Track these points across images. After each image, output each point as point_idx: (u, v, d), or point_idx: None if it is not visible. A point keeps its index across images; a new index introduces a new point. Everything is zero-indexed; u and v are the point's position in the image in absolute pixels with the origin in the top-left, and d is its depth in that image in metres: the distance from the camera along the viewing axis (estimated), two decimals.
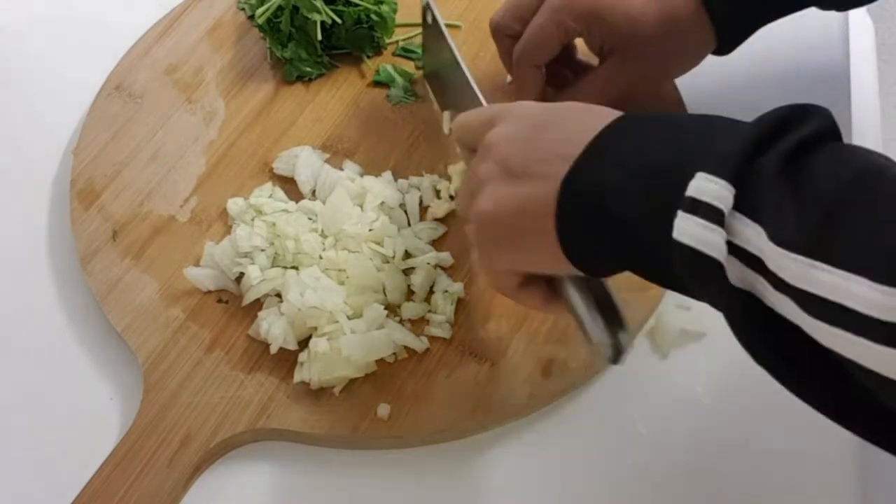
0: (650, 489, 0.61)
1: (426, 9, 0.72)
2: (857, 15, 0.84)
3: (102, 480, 0.60)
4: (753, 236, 0.42)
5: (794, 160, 0.42)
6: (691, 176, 0.43)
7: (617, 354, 0.53)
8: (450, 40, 0.70)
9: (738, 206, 0.42)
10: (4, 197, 0.75)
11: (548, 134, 0.52)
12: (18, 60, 0.83)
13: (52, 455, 0.64)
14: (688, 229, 0.43)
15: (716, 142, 0.45)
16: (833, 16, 0.79)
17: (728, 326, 0.44)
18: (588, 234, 0.49)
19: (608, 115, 0.51)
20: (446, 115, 0.73)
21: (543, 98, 0.70)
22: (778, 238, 0.40)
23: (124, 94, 0.78)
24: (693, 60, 0.69)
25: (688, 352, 0.66)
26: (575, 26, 0.66)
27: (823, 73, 0.77)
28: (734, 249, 0.42)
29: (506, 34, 0.70)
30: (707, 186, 0.42)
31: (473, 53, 0.79)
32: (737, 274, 0.42)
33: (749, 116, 0.75)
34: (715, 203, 0.42)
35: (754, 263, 0.42)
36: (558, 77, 0.72)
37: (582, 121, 0.51)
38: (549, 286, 0.56)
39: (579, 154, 0.49)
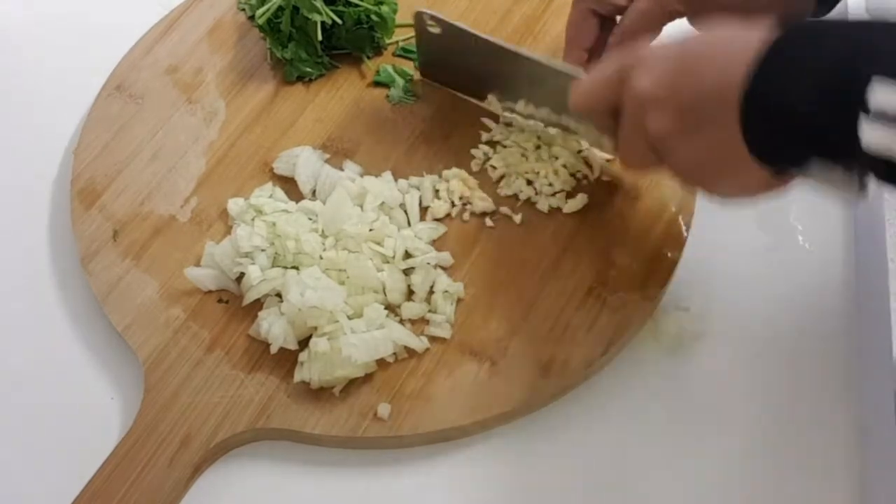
0: (650, 488, 0.61)
1: (426, 22, 0.72)
2: (857, 15, 0.84)
3: (103, 480, 0.60)
4: None
5: None
6: (867, 79, 0.45)
7: (864, 187, 0.54)
8: (484, 35, 0.70)
9: None
10: (5, 197, 0.75)
11: (701, 66, 0.54)
12: (19, 60, 0.84)
13: (53, 455, 0.64)
14: (873, 138, 0.46)
15: (883, 43, 0.47)
16: (832, 16, 0.79)
17: None
18: (775, 139, 0.51)
19: (743, 33, 0.53)
20: (491, 98, 0.74)
21: None
22: None
23: (125, 94, 0.78)
24: None
25: (687, 351, 0.66)
26: (679, 7, 0.67)
27: None
28: None
29: (591, 7, 0.70)
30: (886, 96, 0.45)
31: None
32: None
33: None
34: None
35: None
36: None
37: (724, 44, 0.53)
38: None
39: (742, 81, 0.51)
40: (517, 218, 0.70)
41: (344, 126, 0.76)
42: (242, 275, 0.66)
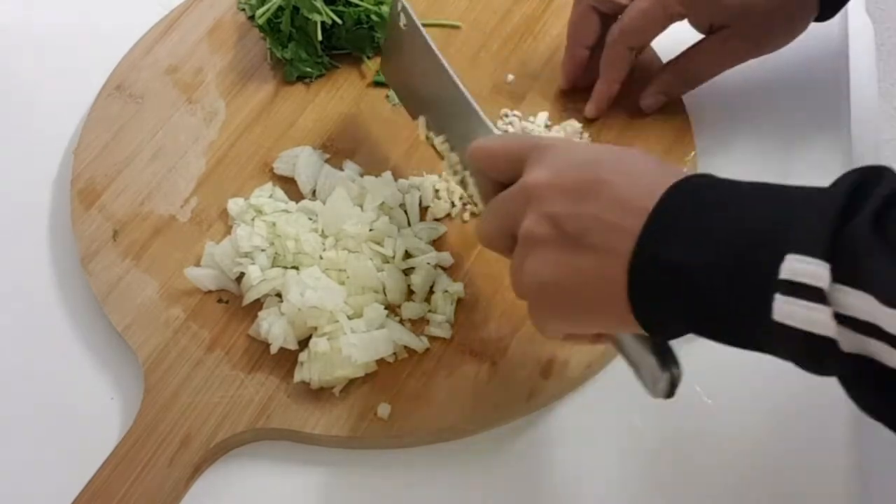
0: (651, 489, 0.61)
1: (400, 12, 0.67)
2: (857, 15, 0.84)
3: (102, 480, 0.60)
4: (863, 304, 0.41)
5: (882, 220, 0.41)
6: (780, 258, 0.42)
7: (672, 388, 0.52)
8: (436, 51, 0.65)
9: (837, 278, 0.41)
10: (4, 197, 0.75)
11: (601, 194, 0.49)
12: (19, 60, 0.84)
13: (52, 455, 0.64)
14: (791, 312, 0.42)
15: (794, 217, 0.43)
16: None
17: (846, 392, 0.44)
18: (667, 309, 0.48)
19: (657, 173, 0.49)
20: (422, 120, 0.69)
21: (624, 79, 0.72)
22: (893, 301, 0.40)
23: (125, 94, 0.78)
24: (798, 28, 0.70)
25: (687, 352, 0.66)
26: (680, 9, 0.67)
27: (822, 73, 0.77)
28: (844, 319, 0.41)
29: (592, 5, 0.71)
30: (801, 268, 0.41)
31: (473, 53, 0.79)
32: (849, 342, 0.42)
33: (747, 118, 0.75)
34: (813, 283, 0.41)
35: (869, 330, 0.41)
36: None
37: (635, 179, 0.49)
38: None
39: (643, 227, 0.47)
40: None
41: (344, 126, 0.76)
42: (242, 275, 0.66)
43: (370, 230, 0.67)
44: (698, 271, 0.45)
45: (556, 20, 0.80)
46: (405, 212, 0.70)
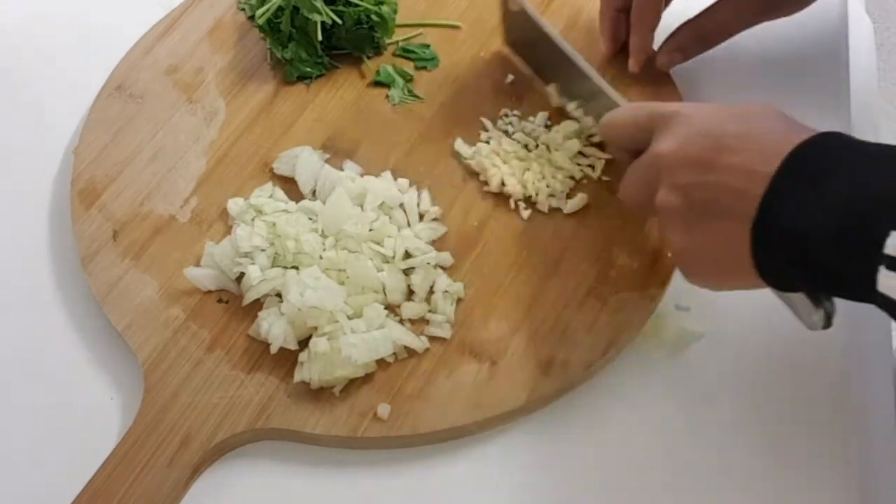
0: (651, 489, 0.61)
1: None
2: (857, 15, 0.84)
3: (102, 480, 0.60)
4: None
5: None
6: (886, 233, 0.45)
7: (828, 321, 0.56)
8: (553, 35, 0.72)
9: None
10: (4, 197, 0.75)
11: (725, 162, 0.53)
12: (19, 60, 0.84)
13: (52, 455, 0.64)
14: (893, 285, 0.46)
15: None
16: (832, 16, 0.79)
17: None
18: (787, 270, 0.52)
19: (782, 132, 0.52)
20: (552, 87, 0.75)
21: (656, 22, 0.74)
22: None
23: (125, 94, 0.78)
24: None
25: (688, 351, 0.66)
26: None
27: (822, 73, 0.77)
28: None
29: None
30: None
31: (474, 53, 0.79)
32: None
33: None
34: None
35: None
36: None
37: (758, 143, 0.52)
38: None
39: (763, 193, 0.50)
40: (525, 214, 0.70)
41: (344, 126, 0.76)
42: (242, 275, 0.66)
43: (370, 230, 0.67)
44: (813, 237, 0.49)
45: (556, 19, 0.80)
46: (405, 212, 0.70)
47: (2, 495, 0.62)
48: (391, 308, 0.66)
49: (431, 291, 0.67)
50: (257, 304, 0.66)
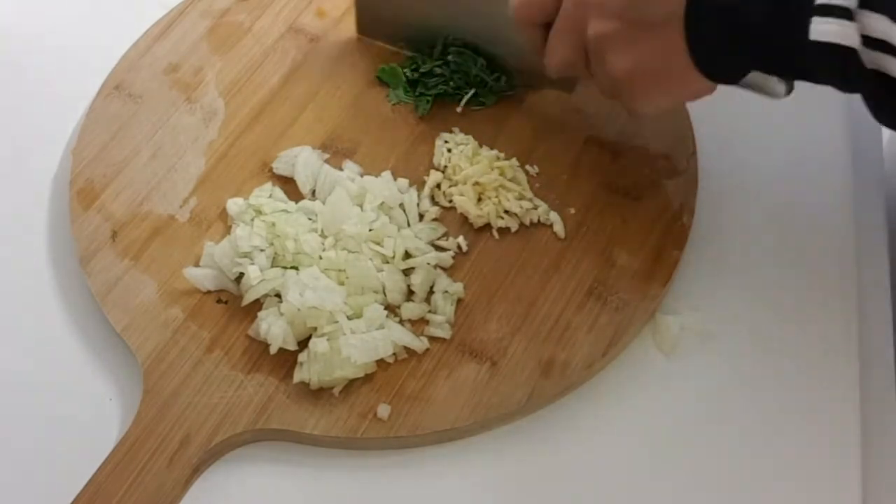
0: (651, 489, 0.61)
1: None
2: None
3: (101, 481, 0.60)
4: (879, 24, 0.50)
5: None
6: None
7: (790, 84, 0.61)
8: None
9: (861, 4, 0.50)
10: (4, 197, 0.75)
11: None
12: (17, 60, 0.83)
13: (51, 456, 0.63)
14: (824, 30, 0.51)
15: None
16: None
17: (866, 107, 0.54)
18: (724, 52, 0.57)
19: None
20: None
21: None
22: None
23: (124, 93, 0.78)
24: None
25: (688, 351, 0.66)
26: None
27: None
28: (865, 40, 0.50)
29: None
30: None
31: None
32: (869, 58, 0.51)
33: (748, 118, 0.75)
34: (844, 3, 0.50)
35: (884, 46, 0.50)
36: None
37: None
38: None
39: None
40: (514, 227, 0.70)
41: (344, 126, 0.76)
42: (242, 275, 0.66)
43: (370, 230, 0.67)
44: (744, 6, 0.54)
45: None
46: (405, 212, 0.70)
47: (2, 495, 0.62)
48: (391, 308, 0.66)
49: (431, 292, 0.67)
50: (257, 305, 0.66)
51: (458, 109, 0.75)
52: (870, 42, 0.51)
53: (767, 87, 0.61)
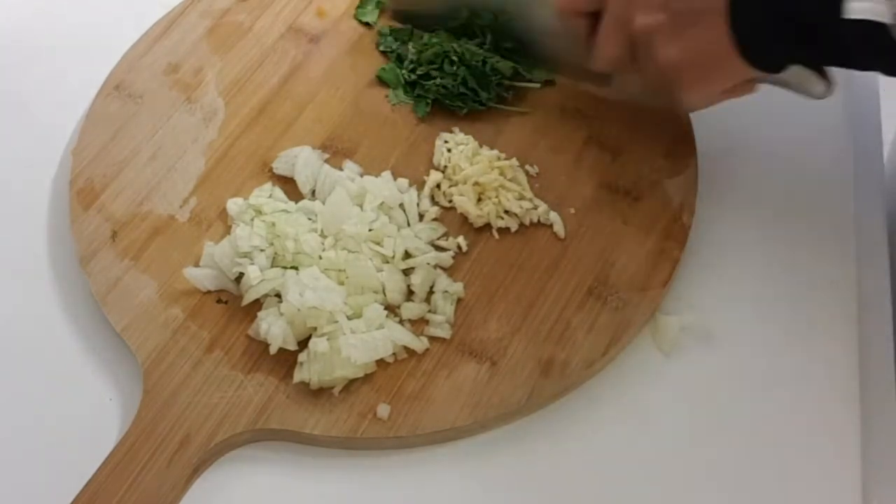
0: (651, 489, 0.61)
1: None
2: None
3: (101, 481, 0.60)
4: None
5: None
6: None
7: (829, 84, 0.63)
8: None
9: None
10: (4, 197, 0.75)
11: None
12: (18, 60, 0.83)
13: (52, 455, 0.63)
14: (859, 7, 0.53)
15: None
16: None
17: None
18: (766, 38, 0.58)
19: None
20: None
21: None
22: None
23: (124, 93, 0.78)
24: None
25: (688, 351, 0.66)
26: None
27: None
28: None
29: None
30: None
31: None
32: None
33: (748, 118, 0.75)
34: None
35: None
36: None
37: None
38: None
39: None
40: (514, 226, 0.70)
41: (344, 126, 0.76)
42: (242, 275, 0.66)
43: (370, 230, 0.67)
44: None
45: None
46: (405, 212, 0.70)
47: (2, 495, 0.62)
48: (391, 308, 0.66)
49: (431, 291, 0.67)
50: (257, 305, 0.66)
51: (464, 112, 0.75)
52: None
53: (808, 86, 0.62)
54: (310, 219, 0.68)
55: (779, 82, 0.64)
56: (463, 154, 0.72)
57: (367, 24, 0.80)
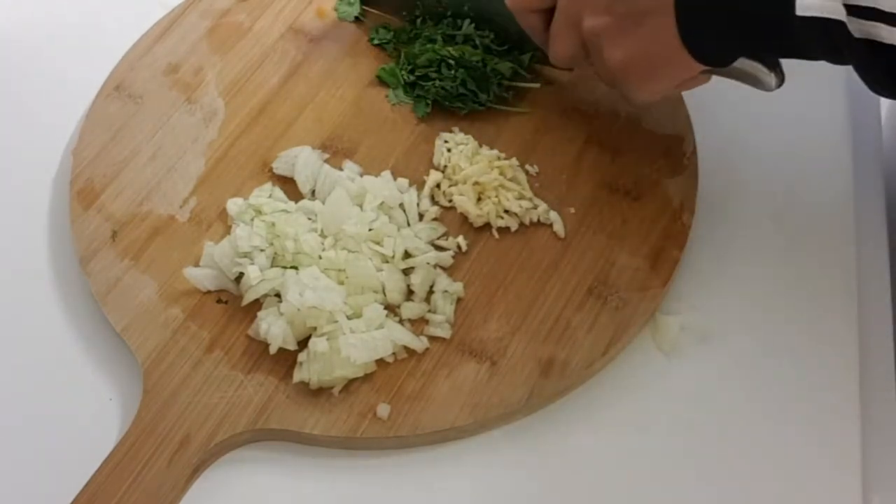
0: (651, 489, 0.61)
1: None
2: None
3: (101, 481, 0.60)
4: None
5: None
6: None
7: (781, 75, 0.63)
8: None
9: None
10: (4, 197, 0.75)
11: None
12: (18, 60, 0.83)
13: (52, 455, 0.63)
14: (810, 4, 0.52)
15: None
16: None
17: (859, 76, 0.55)
18: (714, 35, 0.58)
19: None
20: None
21: None
22: None
23: (124, 94, 0.78)
24: None
25: (688, 351, 0.66)
26: None
27: (823, 72, 0.77)
28: (851, 9, 0.51)
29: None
30: None
31: None
32: (857, 27, 0.52)
33: (748, 116, 0.75)
34: None
35: (870, 14, 0.51)
36: None
37: None
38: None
39: None
40: (514, 226, 0.70)
41: (344, 126, 0.76)
42: (241, 275, 0.66)
43: (369, 230, 0.67)
44: None
45: None
46: (405, 211, 0.70)
47: (2, 495, 0.62)
48: (391, 308, 0.66)
49: (431, 291, 0.67)
50: (256, 305, 0.66)
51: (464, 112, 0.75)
52: (857, 11, 0.51)
53: (757, 77, 0.62)
54: (310, 219, 0.68)
55: (729, 75, 0.64)
56: (463, 154, 0.72)
57: (358, 20, 0.80)
